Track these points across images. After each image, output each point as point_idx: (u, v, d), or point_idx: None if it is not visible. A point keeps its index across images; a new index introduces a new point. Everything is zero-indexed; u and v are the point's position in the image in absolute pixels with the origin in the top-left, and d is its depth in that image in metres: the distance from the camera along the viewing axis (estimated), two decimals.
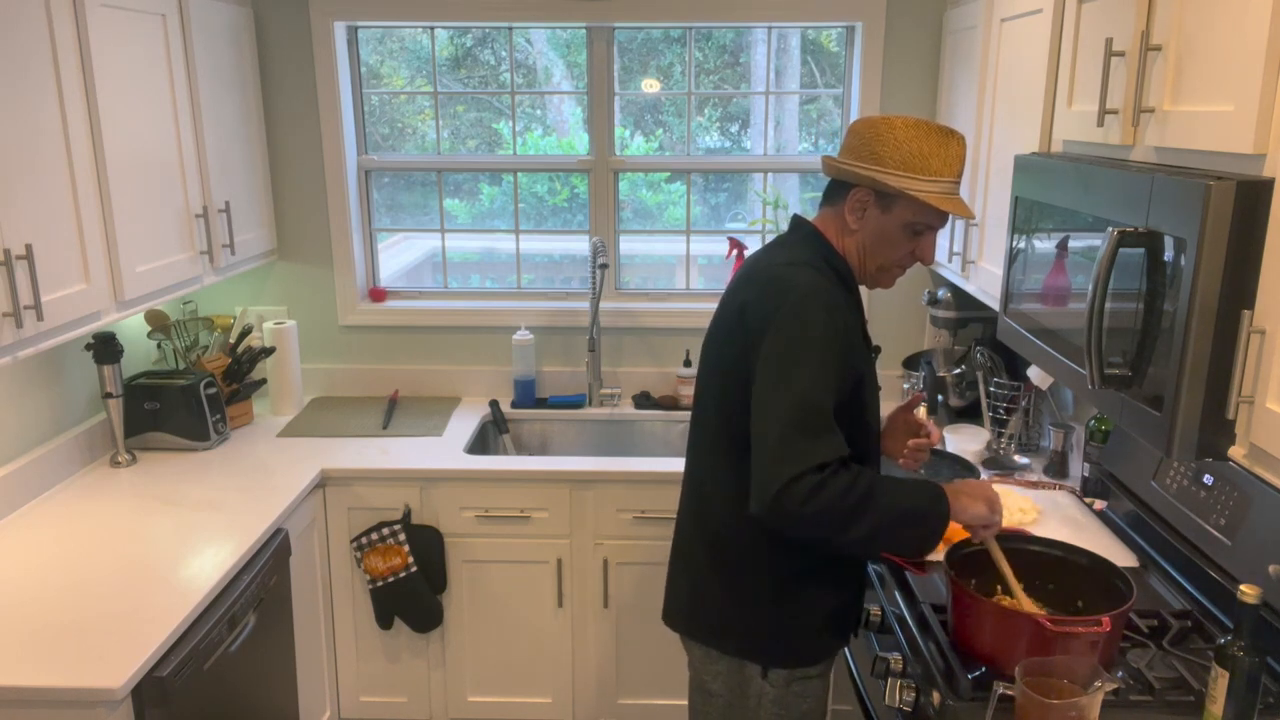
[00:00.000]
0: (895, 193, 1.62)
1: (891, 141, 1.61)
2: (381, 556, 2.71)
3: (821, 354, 1.57)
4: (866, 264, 1.71)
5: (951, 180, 1.62)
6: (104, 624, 1.87)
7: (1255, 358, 1.32)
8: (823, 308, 1.59)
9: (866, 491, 1.53)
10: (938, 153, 1.60)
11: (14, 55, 1.91)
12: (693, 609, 1.83)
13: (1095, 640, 1.56)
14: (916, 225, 1.65)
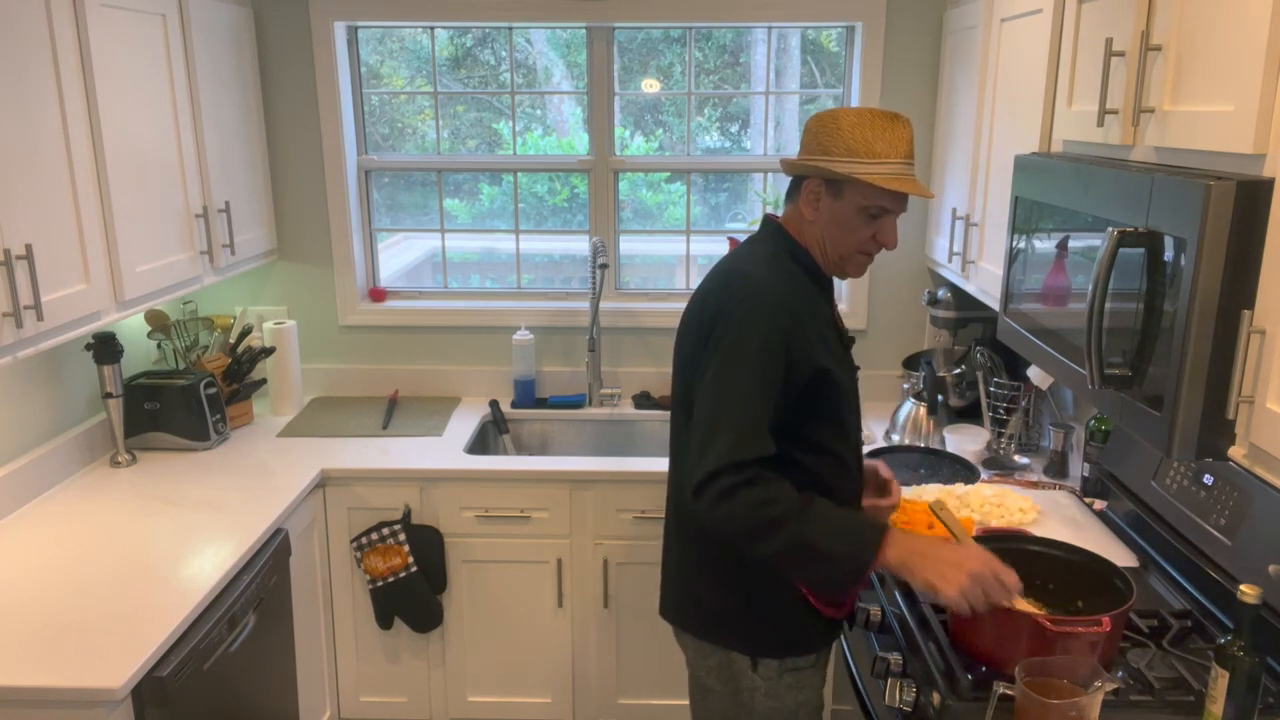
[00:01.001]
0: (843, 178, 1.63)
1: (836, 131, 1.63)
2: (381, 556, 2.71)
3: (758, 353, 1.58)
4: (829, 253, 1.72)
5: (899, 161, 1.62)
6: (104, 624, 1.87)
7: (1255, 358, 1.32)
8: (767, 306, 1.60)
9: (785, 513, 1.52)
10: (882, 136, 1.61)
11: (14, 55, 1.91)
12: (680, 602, 1.85)
13: (1095, 640, 1.56)
14: (870, 209, 1.65)
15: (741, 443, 1.54)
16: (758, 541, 1.53)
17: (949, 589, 1.52)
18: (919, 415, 2.96)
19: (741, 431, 1.55)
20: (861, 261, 1.72)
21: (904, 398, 3.04)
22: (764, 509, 1.52)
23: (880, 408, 3.22)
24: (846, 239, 1.68)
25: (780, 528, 1.52)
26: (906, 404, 3.00)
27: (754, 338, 1.59)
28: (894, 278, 3.25)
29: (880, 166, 1.61)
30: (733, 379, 1.59)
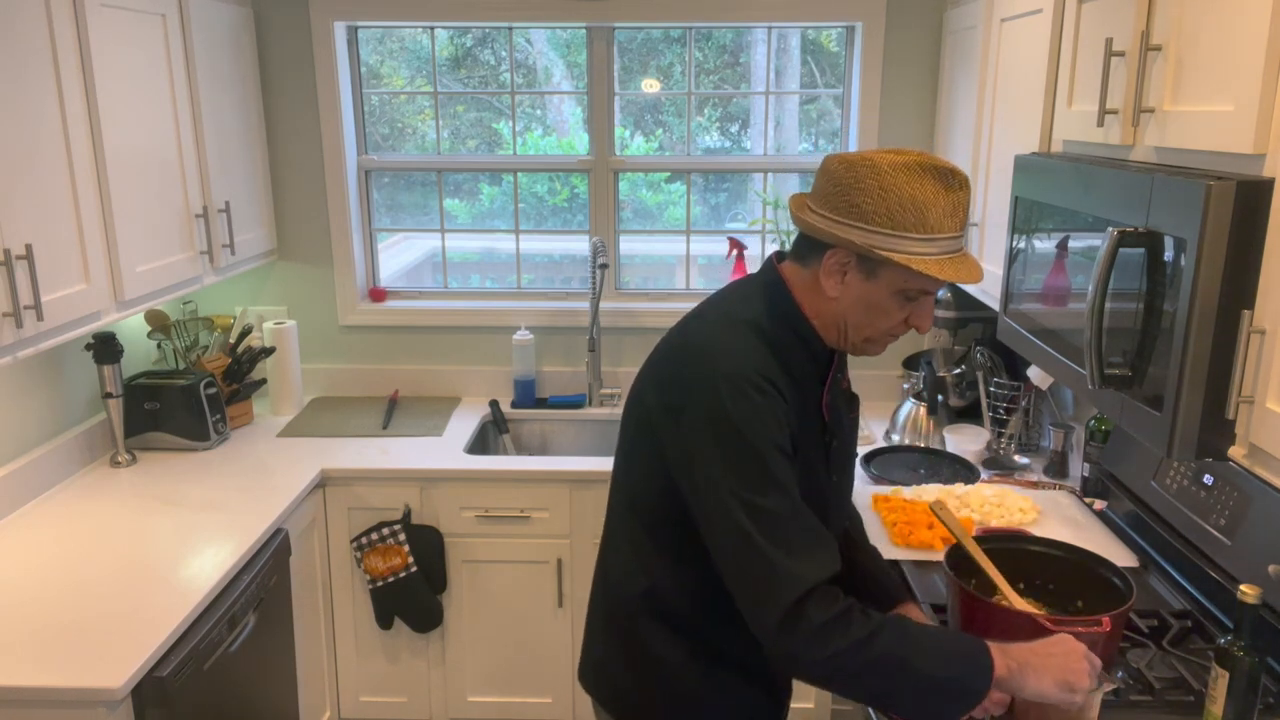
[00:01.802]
0: (881, 259, 1.31)
1: (876, 190, 1.29)
2: (381, 556, 2.71)
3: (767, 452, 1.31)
4: (849, 335, 1.41)
5: (951, 236, 1.31)
6: (104, 624, 1.87)
7: (1255, 358, 1.32)
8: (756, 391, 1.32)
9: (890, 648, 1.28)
10: (935, 202, 1.29)
11: (14, 55, 1.91)
12: (599, 674, 1.60)
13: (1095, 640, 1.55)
14: (910, 292, 1.35)
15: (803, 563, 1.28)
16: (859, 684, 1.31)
17: (1084, 681, 1.33)
18: (919, 415, 2.96)
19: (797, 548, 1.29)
20: (887, 343, 1.43)
21: (904, 398, 3.04)
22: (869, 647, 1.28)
23: (880, 408, 3.22)
24: (875, 322, 1.38)
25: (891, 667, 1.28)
26: (906, 404, 3.00)
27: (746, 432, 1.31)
28: None
29: (930, 245, 1.29)
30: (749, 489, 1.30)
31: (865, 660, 1.28)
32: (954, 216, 1.31)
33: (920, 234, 1.29)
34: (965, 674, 1.31)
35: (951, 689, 1.31)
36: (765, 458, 1.31)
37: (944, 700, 1.32)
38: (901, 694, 1.31)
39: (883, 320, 1.38)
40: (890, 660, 1.28)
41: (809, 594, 1.27)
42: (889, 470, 2.69)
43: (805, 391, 1.41)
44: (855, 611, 1.29)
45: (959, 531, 1.78)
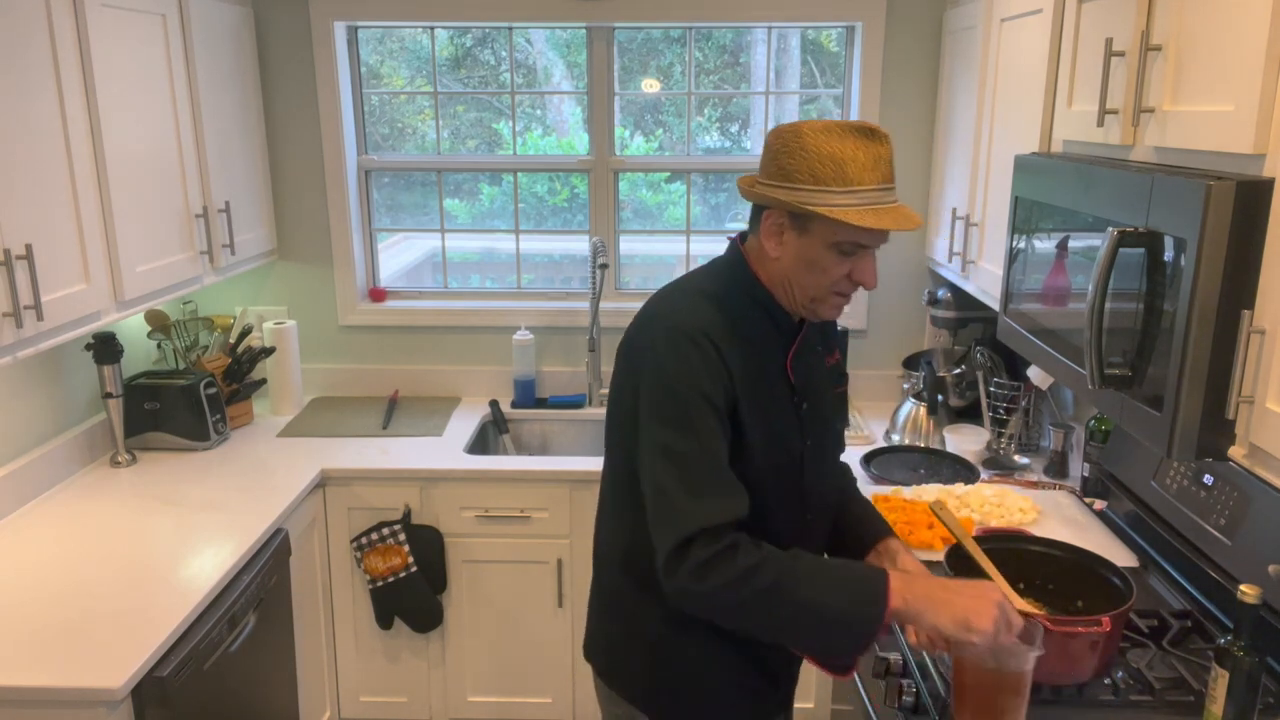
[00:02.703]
0: (807, 213, 1.37)
1: (800, 152, 1.37)
2: (381, 556, 2.71)
3: (692, 401, 1.37)
4: (796, 295, 1.46)
5: (875, 187, 1.36)
6: (104, 624, 1.87)
7: (1255, 358, 1.32)
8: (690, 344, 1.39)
9: (778, 579, 1.32)
10: (854, 157, 1.35)
11: (14, 55, 1.91)
12: (594, 644, 1.66)
13: (1095, 640, 1.56)
14: (843, 245, 1.39)
15: (705, 504, 1.34)
16: (748, 616, 1.35)
17: (985, 623, 1.32)
18: (919, 415, 2.96)
19: (697, 491, 1.35)
20: (836, 303, 1.46)
21: (904, 398, 3.04)
22: (752, 579, 1.32)
23: (880, 408, 3.22)
24: (816, 280, 1.42)
25: (775, 597, 1.32)
26: (906, 404, 3.00)
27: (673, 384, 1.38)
28: (894, 278, 3.25)
29: (853, 196, 1.35)
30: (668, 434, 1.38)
31: (749, 592, 1.32)
32: (875, 169, 1.36)
33: (841, 187, 1.35)
34: (855, 603, 1.33)
35: (841, 618, 1.33)
36: (688, 405, 1.37)
37: (835, 630, 1.34)
38: (790, 625, 1.35)
39: (823, 277, 1.43)
40: (775, 591, 1.32)
41: (700, 533, 1.32)
42: (889, 470, 2.69)
43: (766, 354, 1.47)
44: (742, 547, 1.33)
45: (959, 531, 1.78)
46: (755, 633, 1.42)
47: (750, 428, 1.43)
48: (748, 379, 1.43)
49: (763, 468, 1.45)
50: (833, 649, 1.39)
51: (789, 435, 1.49)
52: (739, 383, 1.41)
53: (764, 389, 1.45)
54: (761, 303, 1.48)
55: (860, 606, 1.34)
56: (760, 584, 1.32)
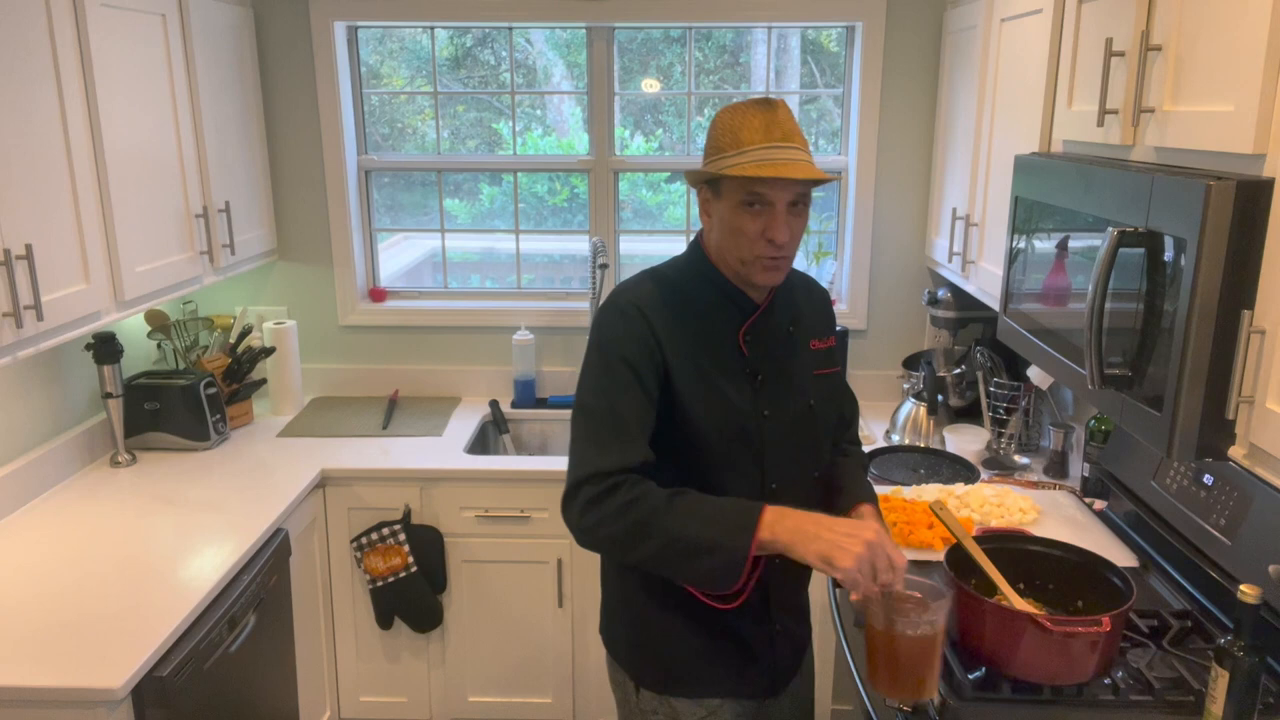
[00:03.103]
0: (712, 176, 1.52)
1: (711, 131, 1.54)
2: (381, 556, 2.71)
3: (610, 362, 1.52)
4: (730, 261, 1.57)
5: (764, 145, 1.48)
6: (104, 624, 1.87)
7: (1255, 358, 1.33)
8: (618, 314, 1.55)
9: (650, 512, 1.43)
10: (747, 123, 1.49)
11: (14, 55, 1.91)
12: (600, 618, 1.80)
13: (1095, 640, 1.56)
14: (748, 201, 1.50)
15: (601, 453, 1.47)
16: (629, 548, 1.45)
17: (845, 560, 1.36)
18: (919, 415, 2.96)
19: (598, 441, 1.48)
20: (765, 265, 1.54)
21: (904, 398, 3.04)
22: (627, 512, 1.43)
23: (880, 408, 3.22)
24: (738, 241, 1.53)
25: (647, 529, 1.43)
26: (906, 404, 3.00)
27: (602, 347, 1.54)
28: (894, 278, 3.25)
29: (745, 156, 1.48)
30: (586, 389, 1.54)
31: (625, 525, 1.43)
32: (767, 131, 1.48)
33: (735, 149, 1.49)
34: (725, 533, 1.42)
35: (709, 547, 1.42)
36: (606, 367, 1.52)
37: (705, 559, 1.42)
38: (664, 555, 1.44)
39: (742, 238, 1.52)
40: (649, 524, 1.43)
41: (590, 476, 1.46)
42: (889, 470, 2.70)
43: (717, 327, 1.59)
44: (624, 486, 1.45)
45: (959, 531, 1.78)
46: (642, 564, 1.49)
47: (686, 392, 1.54)
48: (686, 348, 1.55)
49: (710, 432, 1.55)
50: (707, 578, 1.46)
51: (739, 404, 1.57)
52: (670, 350, 1.53)
53: (708, 358, 1.56)
54: (714, 281, 1.60)
55: (729, 536, 1.42)
56: (635, 517, 1.43)
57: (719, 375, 1.57)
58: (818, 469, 1.70)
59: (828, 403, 1.71)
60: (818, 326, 1.72)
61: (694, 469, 1.55)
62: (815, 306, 1.74)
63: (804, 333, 1.69)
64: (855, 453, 1.84)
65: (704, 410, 1.55)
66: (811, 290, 1.77)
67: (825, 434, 1.72)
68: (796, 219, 1.52)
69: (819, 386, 1.68)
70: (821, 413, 1.68)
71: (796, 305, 1.70)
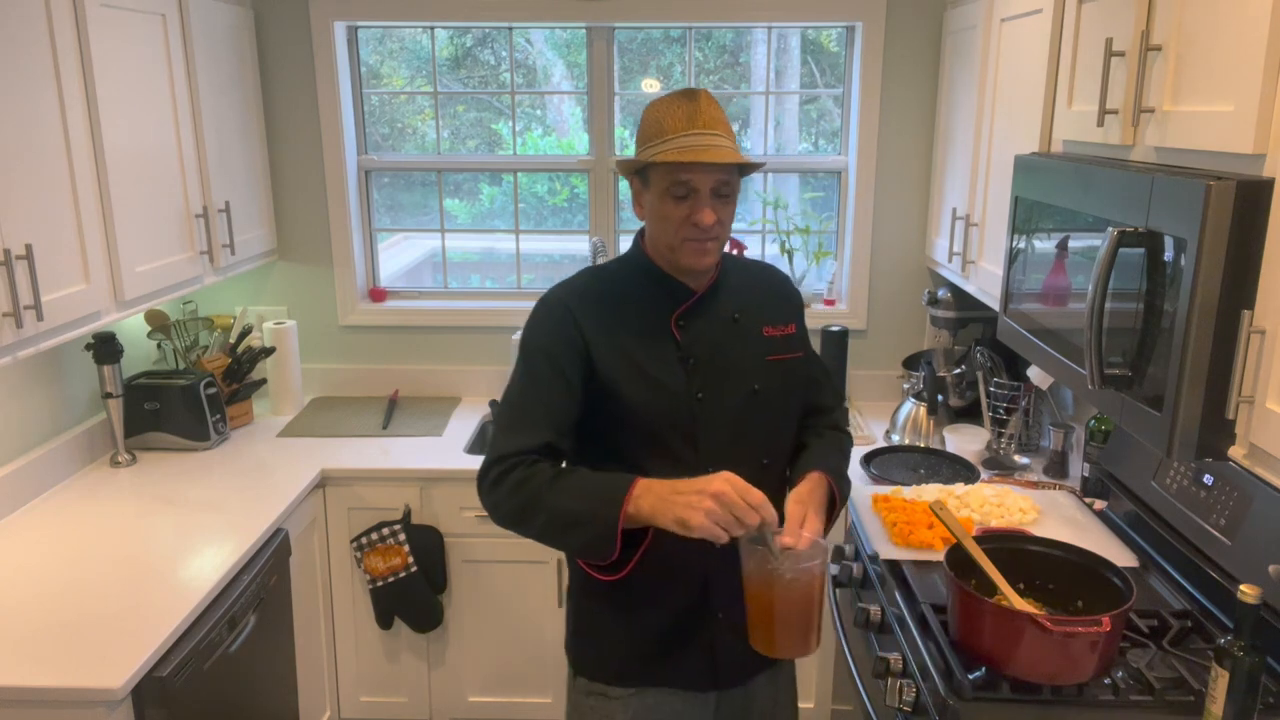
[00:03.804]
0: (639, 165, 1.57)
1: (640, 124, 1.60)
2: (381, 556, 2.71)
3: (528, 354, 1.61)
4: (661, 249, 1.62)
5: (685, 133, 1.52)
6: (104, 624, 1.87)
7: (1255, 358, 1.33)
8: (543, 309, 1.63)
9: (537, 489, 1.50)
10: (671, 114, 1.54)
11: (14, 55, 1.91)
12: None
13: (1095, 640, 1.56)
14: (673, 188, 1.54)
15: (506, 438, 1.56)
16: (522, 523, 1.53)
17: (695, 517, 1.39)
18: (919, 415, 2.96)
19: (507, 428, 1.57)
20: (693, 248, 1.58)
21: (904, 398, 3.04)
22: (519, 490, 1.51)
23: (880, 408, 3.22)
24: (666, 228, 1.58)
25: (536, 504, 1.50)
26: (906, 404, 3.00)
27: (524, 343, 1.63)
28: (894, 278, 3.25)
29: (668, 143, 1.53)
30: (509, 385, 1.63)
31: (517, 503, 1.51)
32: (689, 120, 1.53)
33: (659, 139, 1.54)
34: (596, 506, 1.48)
35: (583, 520, 1.48)
36: (526, 359, 1.61)
37: (581, 531, 1.49)
38: (549, 528, 1.51)
39: (669, 223, 1.57)
40: (537, 499, 1.50)
41: (496, 459, 1.54)
42: (889, 470, 2.70)
43: (650, 315, 1.63)
44: (520, 467, 1.53)
45: (959, 531, 1.78)
46: (538, 539, 1.56)
47: (614, 377, 1.59)
48: (614, 335, 1.60)
49: (640, 414, 1.60)
50: (585, 549, 1.54)
51: (671, 387, 1.61)
52: (595, 338, 1.59)
53: (638, 344, 1.61)
54: (649, 271, 1.66)
55: (601, 507, 1.47)
56: (525, 494, 1.51)
57: (649, 360, 1.61)
58: (769, 455, 1.69)
59: (782, 388, 1.70)
60: (773, 314, 1.73)
61: (628, 452, 1.60)
62: (772, 295, 1.75)
63: (753, 320, 1.70)
64: (832, 436, 1.80)
65: (632, 393, 1.59)
66: (769, 280, 1.78)
67: (781, 420, 1.72)
68: (723, 205, 1.56)
69: (771, 372, 1.68)
70: (770, 397, 1.68)
71: (746, 294, 1.71)
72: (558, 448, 1.57)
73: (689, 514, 1.40)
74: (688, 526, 1.40)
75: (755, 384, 1.66)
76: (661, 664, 1.68)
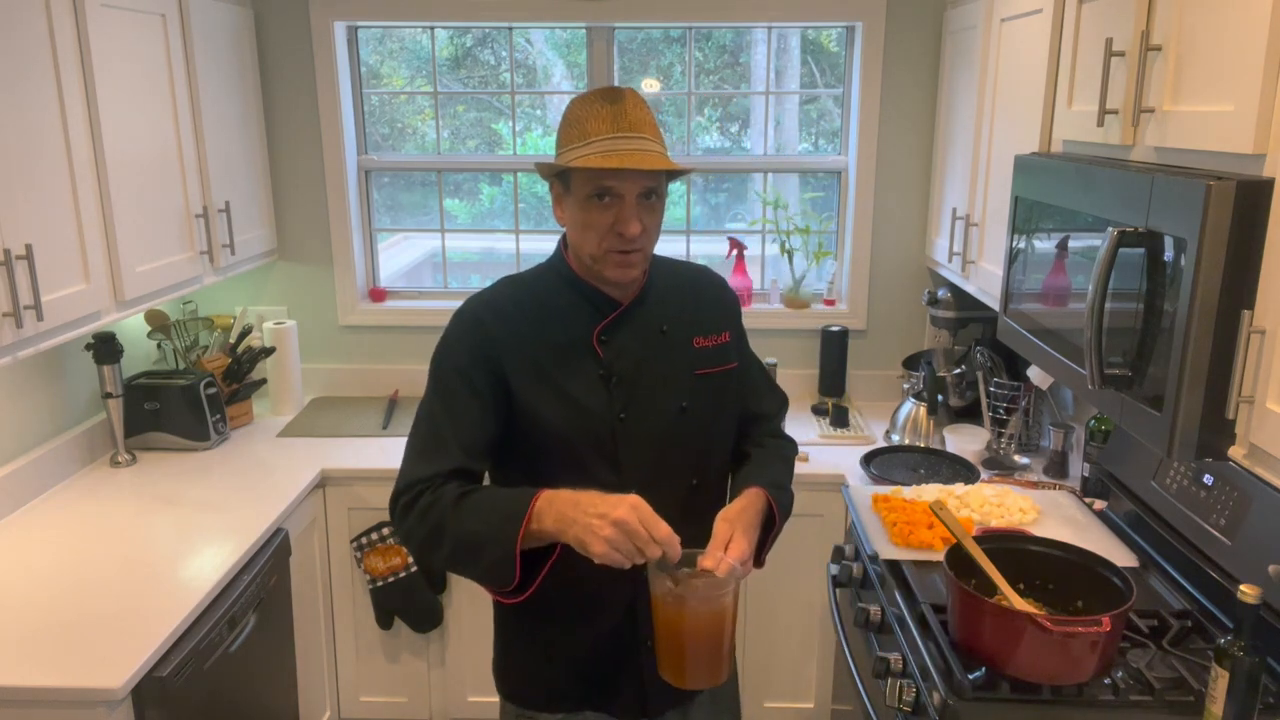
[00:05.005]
0: (561, 169, 1.47)
1: (561, 124, 1.49)
2: (381, 556, 2.71)
3: (440, 373, 1.53)
4: (583, 259, 1.53)
5: (609, 136, 1.42)
6: (104, 624, 1.87)
7: (1255, 358, 1.33)
8: (457, 322, 1.56)
9: (441, 513, 1.42)
10: (594, 114, 1.44)
11: (14, 55, 1.91)
12: None
13: (1095, 640, 1.56)
14: (597, 193, 1.44)
15: (415, 463, 1.48)
16: (432, 553, 1.44)
17: (596, 545, 1.31)
18: (919, 415, 2.96)
19: (419, 452, 1.50)
20: (617, 260, 1.49)
21: (904, 398, 3.04)
22: (425, 517, 1.43)
23: (880, 408, 3.22)
24: (588, 236, 1.48)
25: (441, 531, 1.42)
26: (906, 404, 3.00)
27: (435, 360, 1.54)
28: (894, 278, 3.25)
29: (590, 146, 1.42)
30: (421, 403, 1.55)
31: (424, 530, 1.43)
32: (613, 122, 1.44)
33: (580, 141, 1.44)
34: (498, 526, 1.39)
35: (485, 541, 1.39)
36: (435, 376, 1.54)
37: (483, 553, 1.40)
38: (454, 554, 1.42)
39: (592, 232, 1.47)
40: (442, 526, 1.42)
41: (405, 486, 1.47)
42: (889, 470, 2.70)
43: (570, 328, 1.54)
44: (427, 492, 1.44)
45: (959, 531, 1.78)
46: (448, 569, 1.50)
47: (529, 396, 1.51)
48: (530, 351, 1.52)
49: (558, 435, 1.51)
50: (489, 573, 1.43)
51: (591, 407, 1.52)
52: (509, 355, 1.51)
53: (556, 361, 1.52)
54: (570, 282, 1.57)
55: (501, 528, 1.38)
56: (432, 521, 1.43)
57: (568, 378, 1.52)
58: (699, 475, 1.60)
59: (713, 404, 1.61)
60: (704, 323, 1.62)
61: (547, 474, 1.47)
62: (703, 302, 1.64)
63: (682, 331, 1.60)
64: (773, 444, 1.72)
65: (549, 414, 1.51)
66: (700, 285, 1.67)
67: (711, 438, 1.62)
68: (649, 212, 1.47)
69: (701, 387, 1.59)
70: (700, 415, 1.59)
71: (674, 302, 1.61)
72: (470, 470, 1.49)
73: (590, 539, 1.31)
74: (586, 550, 1.32)
75: (683, 401, 1.57)
76: (590, 690, 1.63)
